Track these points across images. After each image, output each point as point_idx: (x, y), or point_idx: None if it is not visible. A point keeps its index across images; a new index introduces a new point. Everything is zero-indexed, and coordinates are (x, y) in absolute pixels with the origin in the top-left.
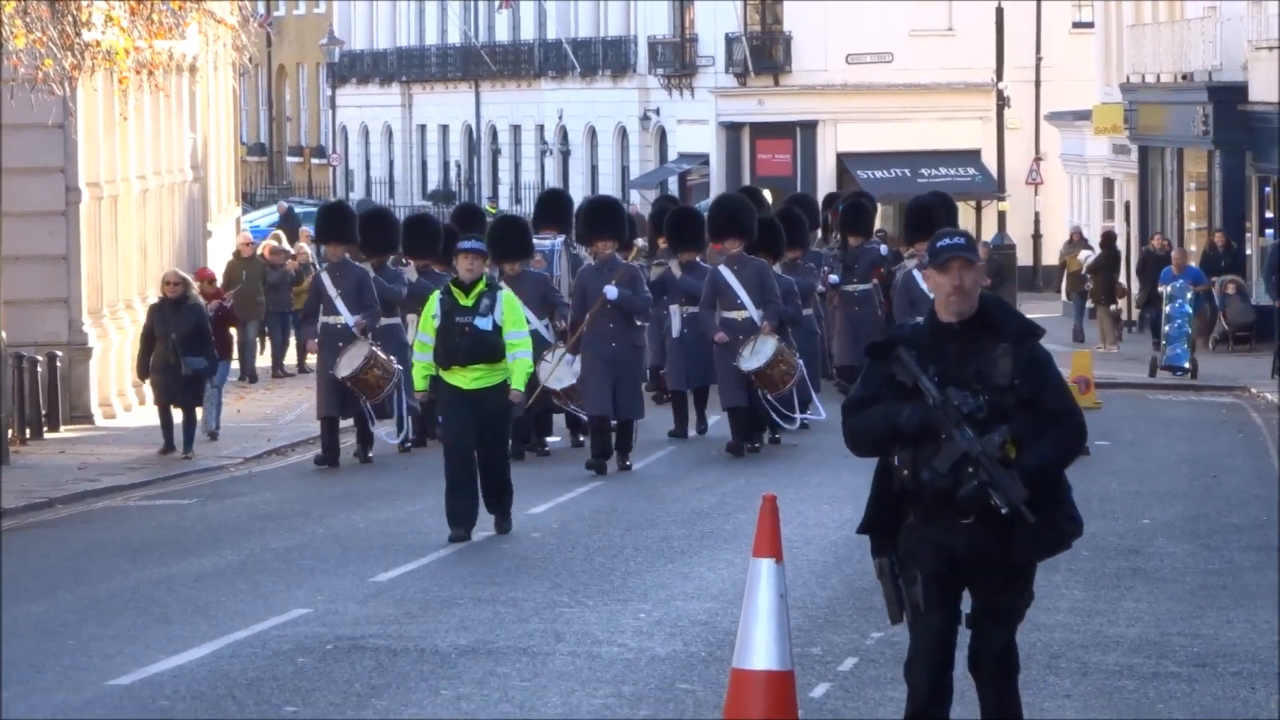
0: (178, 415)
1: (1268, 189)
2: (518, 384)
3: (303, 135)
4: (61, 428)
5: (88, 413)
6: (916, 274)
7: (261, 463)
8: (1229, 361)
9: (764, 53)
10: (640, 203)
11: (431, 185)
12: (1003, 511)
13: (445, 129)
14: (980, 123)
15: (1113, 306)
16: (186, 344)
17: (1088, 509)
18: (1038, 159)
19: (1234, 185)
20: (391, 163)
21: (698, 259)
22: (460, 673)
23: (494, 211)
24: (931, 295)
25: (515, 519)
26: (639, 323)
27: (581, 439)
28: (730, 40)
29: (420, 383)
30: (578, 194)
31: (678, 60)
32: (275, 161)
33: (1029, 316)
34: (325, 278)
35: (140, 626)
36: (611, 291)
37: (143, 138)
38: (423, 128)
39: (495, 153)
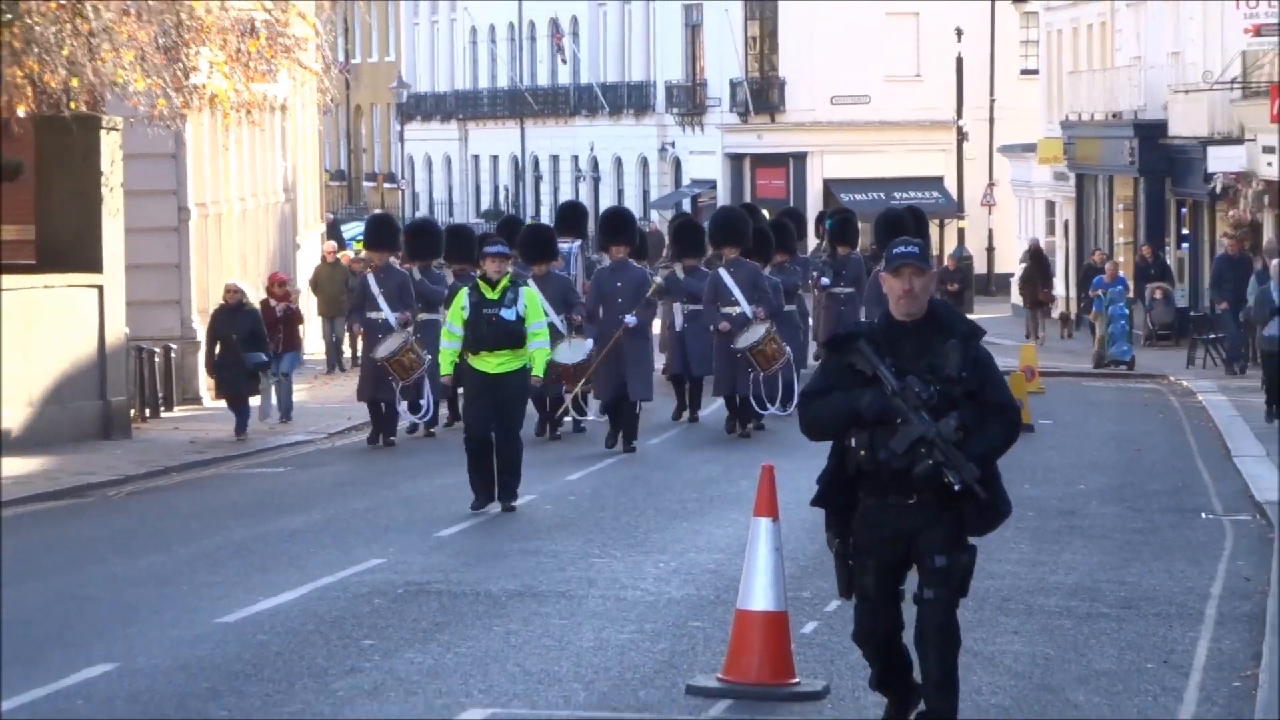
0: (255, 400)
1: (1184, 210)
2: (538, 370)
3: (376, 163)
4: (175, 408)
5: (197, 396)
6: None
7: (343, 438)
8: (1151, 355)
9: (762, 95)
10: (659, 220)
11: (484, 206)
12: (955, 489)
13: (495, 159)
14: (943, 154)
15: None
16: (245, 343)
17: (1033, 477)
18: (991, 184)
19: (1156, 207)
20: (450, 187)
21: (698, 264)
22: (509, 612)
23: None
24: None
25: (554, 485)
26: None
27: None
28: (734, 85)
29: (446, 367)
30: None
31: (690, 101)
32: (353, 185)
33: (982, 316)
34: (371, 279)
35: (242, 574)
36: (630, 319)
37: (242, 165)
38: (476, 157)
39: (537, 179)
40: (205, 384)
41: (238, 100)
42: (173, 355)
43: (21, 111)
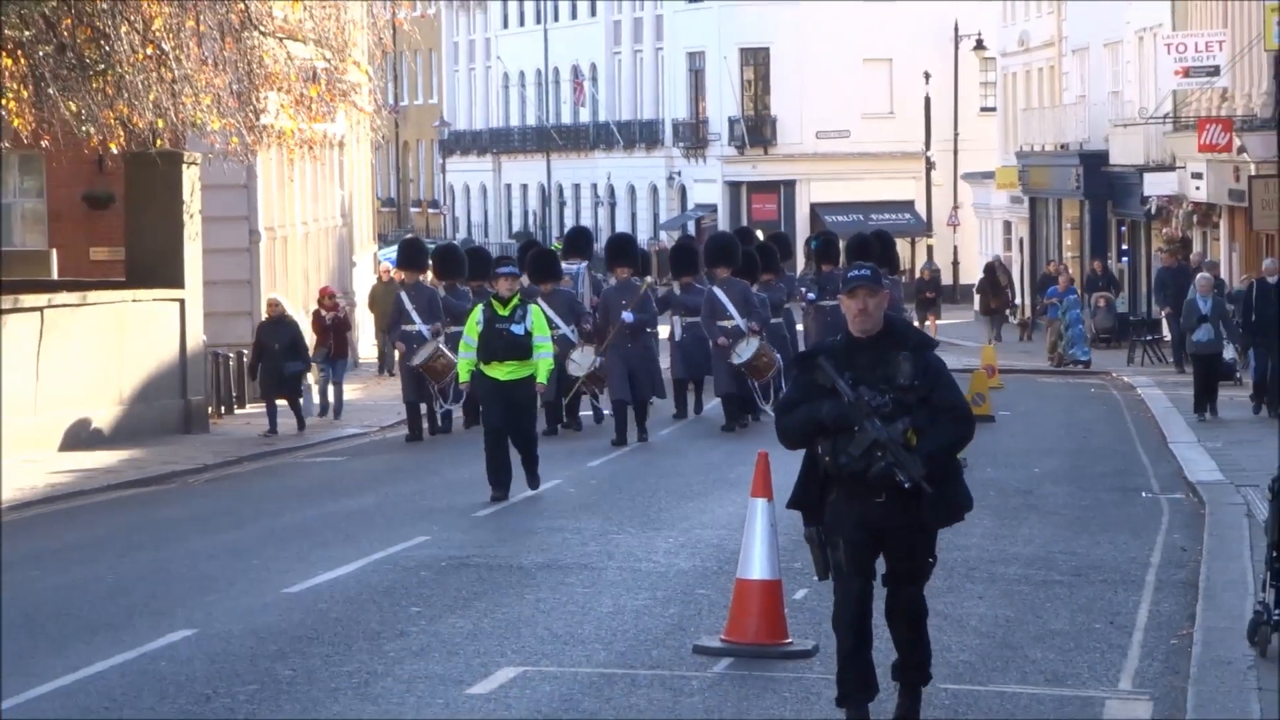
0: (282, 404)
1: (1123, 228)
2: (542, 379)
3: (421, 191)
4: (246, 406)
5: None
6: None
7: (393, 430)
8: (1096, 355)
9: (757, 130)
10: (667, 240)
11: (515, 228)
12: (905, 486)
13: (525, 187)
14: (914, 181)
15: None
16: (285, 352)
17: (994, 461)
18: (956, 207)
19: (1099, 226)
20: (485, 212)
21: (693, 281)
22: (539, 582)
23: (558, 248)
24: None
25: (576, 470)
26: (649, 329)
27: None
28: (732, 122)
29: (464, 375)
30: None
31: (694, 136)
32: (401, 211)
33: (949, 321)
34: (404, 295)
35: (306, 550)
36: (628, 315)
37: (304, 194)
38: (508, 186)
39: (561, 205)
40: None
41: (301, 138)
42: (245, 359)
43: (114, 149)
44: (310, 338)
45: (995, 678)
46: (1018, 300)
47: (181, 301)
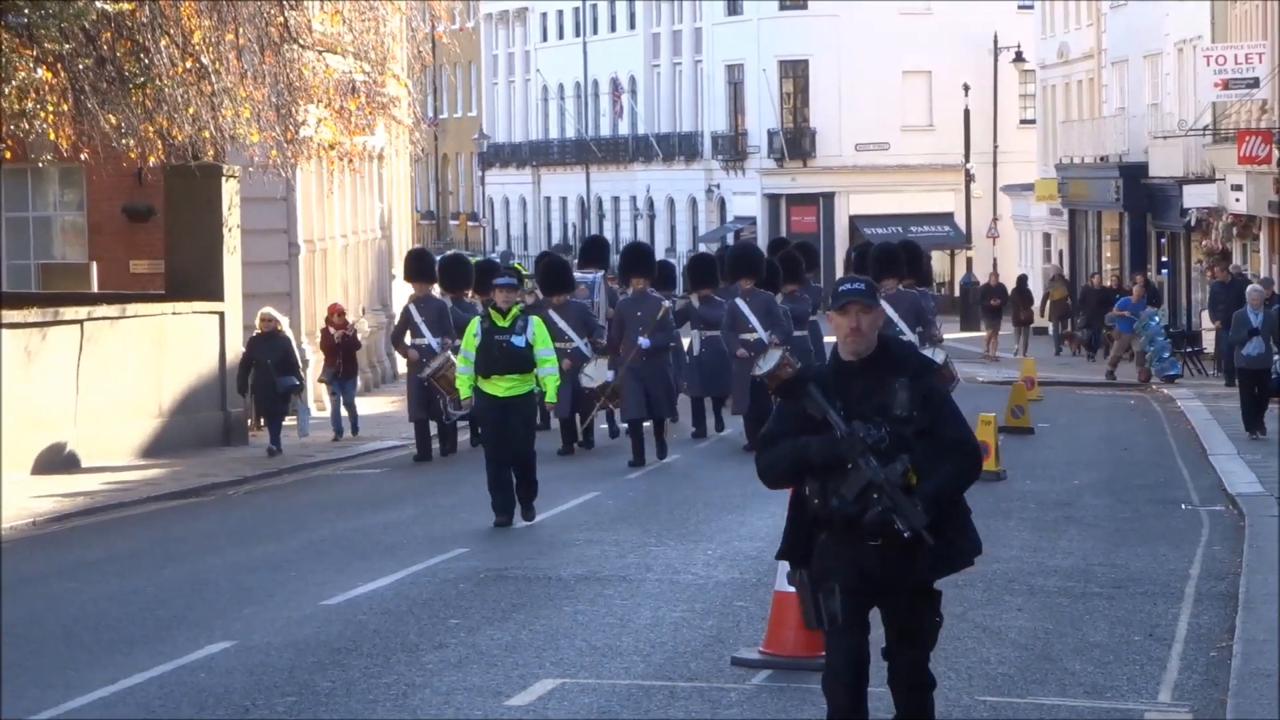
0: (290, 420)
1: (1163, 240)
2: (551, 396)
3: (460, 204)
4: (286, 418)
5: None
6: (883, 302)
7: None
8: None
9: (796, 143)
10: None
11: (554, 241)
12: (904, 535)
13: (564, 200)
14: (953, 193)
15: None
16: (278, 367)
17: (1033, 473)
18: (995, 219)
19: (1138, 238)
20: (525, 224)
21: (712, 293)
22: (577, 594)
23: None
24: (895, 318)
25: (616, 483)
26: (671, 345)
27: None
28: (771, 134)
29: (465, 390)
30: (660, 247)
31: (733, 149)
32: (441, 223)
33: (985, 333)
34: (413, 308)
35: (344, 562)
36: (644, 341)
37: (344, 207)
38: (548, 199)
39: (601, 217)
40: (311, 396)
41: (340, 151)
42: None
43: (153, 162)
44: (318, 356)
45: (1034, 690)
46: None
47: (221, 314)
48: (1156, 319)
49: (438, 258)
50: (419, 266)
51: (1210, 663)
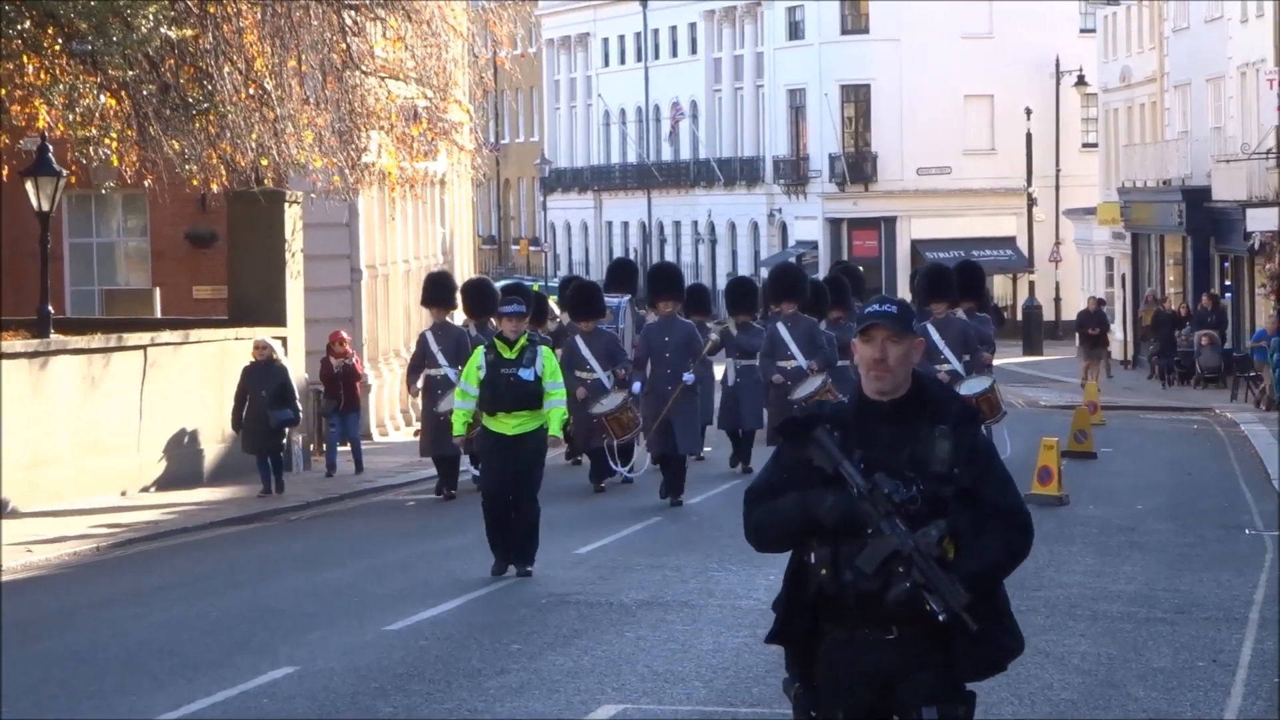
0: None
1: (1226, 264)
2: (555, 430)
3: (522, 229)
4: (348, 443)
5: (367, 432)
6: (930, 327)
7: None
8: (1198, 392)
9: (857, 167)
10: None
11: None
12: (940, 618)
13: (626, 224)
14: (1015, 217)
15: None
16: (273, 400)
17: (1096, 498)
18: (1058, 243)
19: (1201, 262)
20: (586, 249)
21: (751, 320)
22: (639, 619)
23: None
24: (941, 346)
25: (676, 509)
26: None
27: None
28: (832, 158)
29: (459, 427)
30: (721, 272)
31: (794, 173)
32: (503, 249)
33: (1050, 358)
34: (430, 336)
35: (407, 587)
36: (689, 377)
37: (406, 232)
38: (609, 224)
39: (662, 242)
40: (374, 421)
41: (402, 176)
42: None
43: (216, 188)
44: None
45: (1098, 715)
46: (1116, 336)
47: (284, 339)
48: None
49: (461, 282)
50: (437, 292)
51: (1275, 688)
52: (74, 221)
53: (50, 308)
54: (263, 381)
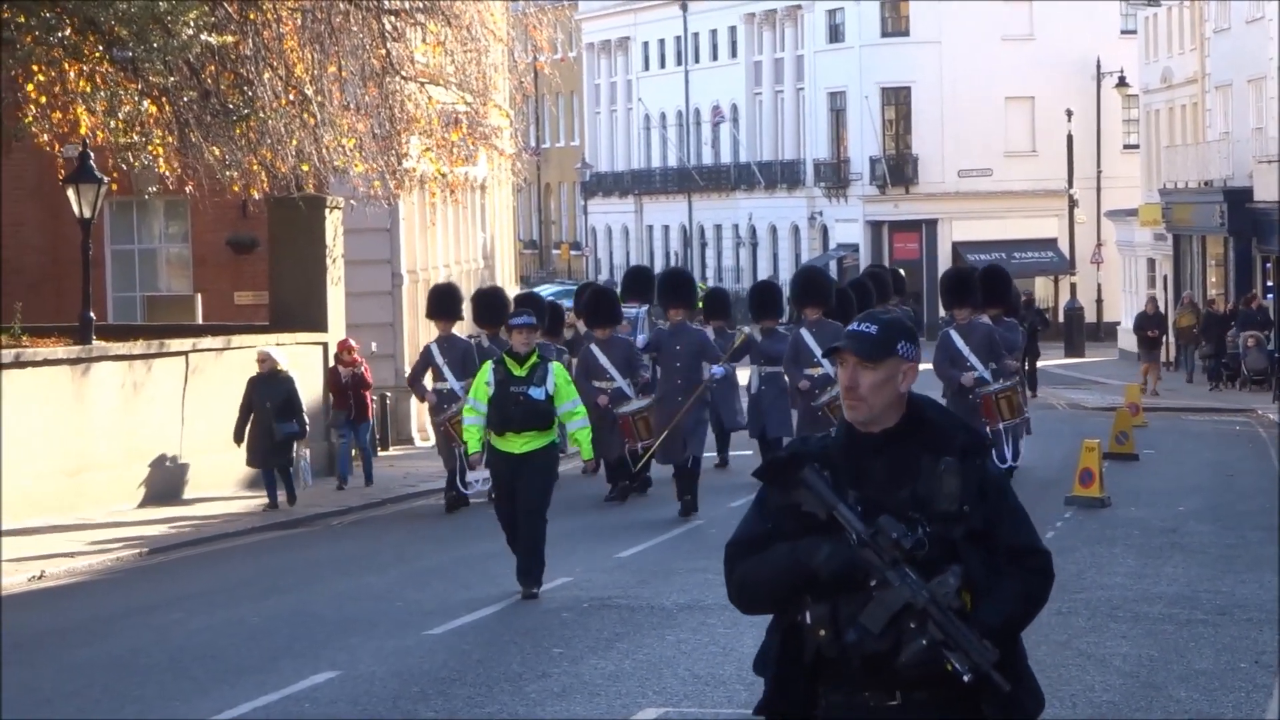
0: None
1: (1268, 265)
2: (587, 453)
3: (563, 233)
4: (390, 448)
5: (409, 437)
6: (954, 333)
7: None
8: (1242, 394)
9: (898, 170)
10: None
11: (657, 270)
12: (965, 679)
13: (667, 228)
14: (1056, 219)
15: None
16: (279, 412)
17: (1138, 500)
18: (1099, 245)
19: (1244, 263)
20: (628, 253)
21: (775, 325)
22: (680, 623)
23: (704, 288)
24: (966, 352)
25: (719, 510)
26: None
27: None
28: (873, 161)
29: (474, 444)
30: (763, 275)
31: (835, 176)
32: (543, 253)
33: (1093, 360)
34: (435, 348)
35: (447, 592)
36: (718, 370)
37: (446, 237)
38: (650, 228)
39: (703, 245)
40: (416, 426)
41: (443, 181)
42: (388, 401)
43: (256, 194)
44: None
45: (1139, 717)
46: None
47: (325, 345)
48: None
49: (471, 291)
50: (441, 304)
51: None
52: (116, 228)
53: (92, 314)
54: (268, 393)
